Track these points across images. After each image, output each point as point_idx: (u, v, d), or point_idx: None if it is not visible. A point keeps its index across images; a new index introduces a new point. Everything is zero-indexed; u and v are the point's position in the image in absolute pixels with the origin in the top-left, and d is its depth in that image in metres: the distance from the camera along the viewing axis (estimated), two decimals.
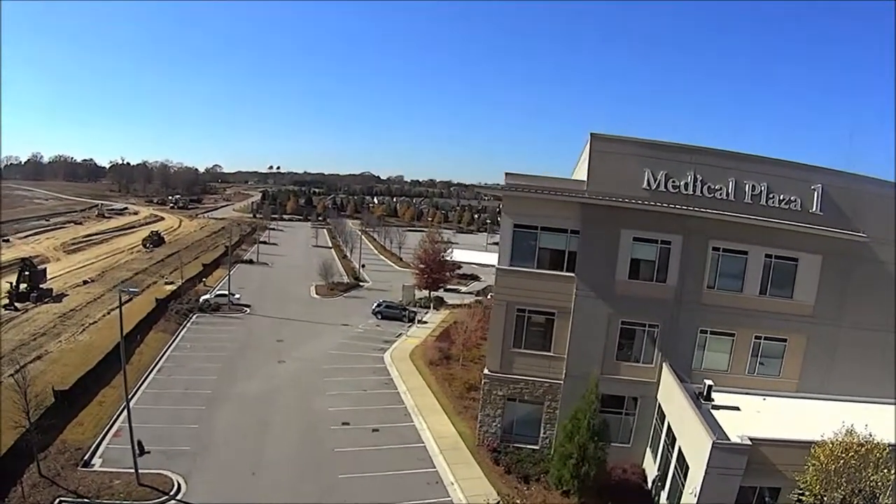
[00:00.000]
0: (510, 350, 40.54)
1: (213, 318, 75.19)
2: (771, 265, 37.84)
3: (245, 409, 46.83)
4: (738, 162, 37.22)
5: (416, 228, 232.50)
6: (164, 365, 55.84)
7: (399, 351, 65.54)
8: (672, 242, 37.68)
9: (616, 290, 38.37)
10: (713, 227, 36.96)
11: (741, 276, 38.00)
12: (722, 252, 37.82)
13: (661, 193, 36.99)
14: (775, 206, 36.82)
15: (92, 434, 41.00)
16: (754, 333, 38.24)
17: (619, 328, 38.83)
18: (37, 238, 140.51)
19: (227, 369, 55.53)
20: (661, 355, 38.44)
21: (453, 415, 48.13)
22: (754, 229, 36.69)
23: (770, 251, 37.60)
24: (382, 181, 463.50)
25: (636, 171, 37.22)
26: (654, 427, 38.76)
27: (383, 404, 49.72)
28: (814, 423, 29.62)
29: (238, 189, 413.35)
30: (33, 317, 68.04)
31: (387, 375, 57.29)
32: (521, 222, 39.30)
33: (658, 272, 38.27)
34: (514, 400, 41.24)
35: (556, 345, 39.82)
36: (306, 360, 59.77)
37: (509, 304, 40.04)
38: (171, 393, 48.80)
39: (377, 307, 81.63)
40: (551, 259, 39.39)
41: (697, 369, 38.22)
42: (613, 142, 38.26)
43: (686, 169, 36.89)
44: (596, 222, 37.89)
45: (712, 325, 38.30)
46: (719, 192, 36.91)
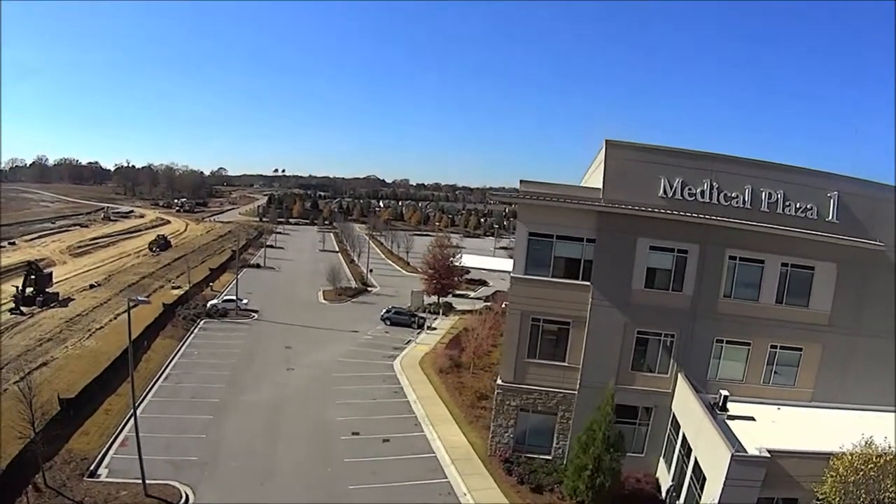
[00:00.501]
0: (524, 360, 39.96)
1: (220, 323, 74.55)
2: (787, 274, 37.34)
3: (254, 417, 46.11)
4: (754, 169, 36.82)
5: (422, 232, 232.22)
6: (171, 372, 55.18)
7: (409, 358, 64.81)
8: (688, 251, 37.23)
9: (632, 300, 37.85)
10: (730, 235, 36.51)
11: (757, 285, 37.47)
12: (738, 261, 37.30)
13: (677, 201, 36.56)
14: (791, 215, 36.41)
15: (98, 443, 40.31)
16: (770, 343, 37.69)
17: (634, 338, 38.29)
18: (42, 241, 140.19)
19: (236, 377, 54.81)
20: (677, 365, 37.90)
21: (464, 424, 47.44)
22: (771, 238, 36.19)
23: (786, 259, 37.12)
24: (388, 185, 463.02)
25: (652, 178, 36.76)
26: (668, 437, 38.28)
27: (394, 414, 48.97)
28: (830, 433, 29.54)
29: (244, 192, 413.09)
30: (39, 321, 67.39)
31: (397, 384, 56.51)
32: (536, 230, 38.80)
33: (674, 281, 37.75)
34: (527, 410, 40.67)
35: (570, 355, 39.28)
36: (315, 368, 59.03)
37: (524, 314, 39.46)
38: (178, 401, 48.09)
39: (386, 313, 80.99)
40: (566, 267, 38.91)
41: (712, 379, 37.69)
42: (629, 149, 37.79)
43: (702, 176, 36.50)
44: (612, 230, 37.43)
45: (728, 335, 37.78)
46: (736, 201, 36.47)
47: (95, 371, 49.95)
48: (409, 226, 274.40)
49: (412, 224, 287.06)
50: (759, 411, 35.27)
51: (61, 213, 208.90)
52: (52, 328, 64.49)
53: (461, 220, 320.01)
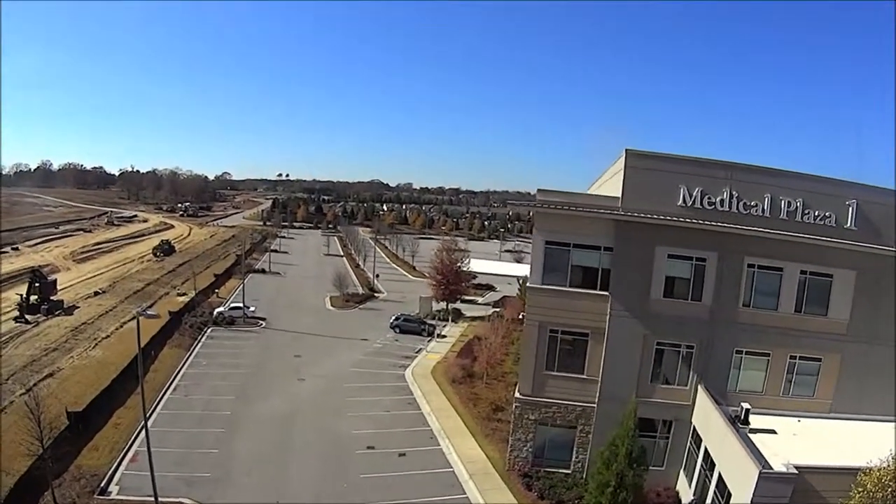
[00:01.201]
0: (542, 372, 39.20)
1: (227, 331, 73.68)
2: (806, 282, 36.82)
3: (266, 431, 45.12)
4: (773, 177, 36.25)
5: (427, 236, 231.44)
6: (179, 383, 54.23)
7: (420, 368, 63.86)
8: (707, 259, 36.66)
9: (651, 309, 37.20)
10: (749, 243, 36.02)
11: (776, 294, 36.93)
12: (757, 269, 36.81)
13: (696, 210, 35.97)
14: (810, 222, 35.85)
15: (108, 459, 39.36)
16: (789, 353, 37.12)
17: (653, 349, 37.60)
18: (46, 246, 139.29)
19: (246, 388, 53.83)
20: (696, 377, 37.29)
21: (481, 437, 46.45)
22: (790, 246, 35.68)
23: (805, 268, 36.59)
24: (391, 188, 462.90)
25: (671, 187, 36.15)
26: (688, 450, 37.55)
27: (408, 426, 47.95)
28: (853, 446, 29.90)
29: (247, 196, 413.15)
30: (44, 330, 66.34)
31: (409, 395, 55.52)
32: (553, 239, 38.15)
33: (693, 290, 37.14)
34: (545, 424, 39.87)
35: (589, 367, 38.52)
36: (326, 378, 58.03)
37: (541, 325, 38.77)
38: (188, 414, 47.09)
39: (395, 321, 80.00)
40: (584, 277, 38.24)
41: (732, 391, 37.09)
42: (648, 157, 37.15)
43: (721, 185, 35.91)
44: (630, 239, 36.81)
45: (748, 345, 37.18)
46: (755, 209, 35.92)
47: (103, 382, 49.07)
48: (414, 229, 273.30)
49: (416, 227, 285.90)
50: (780, 424, 34.65)
51: (65, 217, 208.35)
52: (58, 337, 63.44)
53: (465, 223, 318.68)
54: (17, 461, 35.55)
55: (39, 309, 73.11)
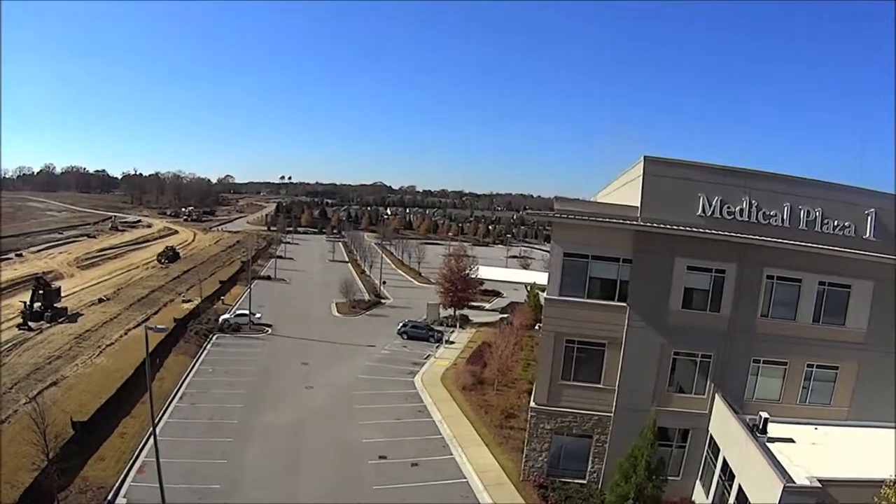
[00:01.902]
0: (558, 382, 38.60)
1: (233, 338, 72.73)
2: (824, 292, 36.41)
3: (275, 441, 44.18)
4: (793, 186, 35.86)
5: (432, 241, 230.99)
6: (185, 391, 53.26)
7: (429, 375, 62.92)
8: (726, 270, 36.17)
9: (669, 321, 36.64)
10: (768, 254, 35.57)
11: (794, 304, 36.54)
12: (776, 280, 36.40)
13: (716, 220, 35.47)
14: (829, 233, 35.49)
15: (115, 470, 38.38)
16: (806, 362, 36.80)
17: (671, 359, 37.13)
18: (50, 252, 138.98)
19: (253, 396, 52.88)
20: (714, 386, 36.85)
21: (494, 446, 45.56)
22: (809, 256, 35.23)
23: (823, 278, 36.16)
24: (394, 191, 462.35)
25: (691, 196, 35.59)
26: (705, 460, 37.04)
27: (420, 435, 47.04)
28: (871, 455, 29.93)
29: (250, 200, 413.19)
30: (48, 338, 65.59)
31: (420, 402, 54.59)
32: (571, 250, 37.54)
33: (712, 301, 36.61)
34: (561, 433, 39.24)
35: (606, 377, 38.03)
36: (335, 386, 57.08)
37: (558, 335, 38.19)
38: (195, 423, 46.09)
39: (403, 327, 79.05)
40: (602, 288, 37.67)
41: (749, 399, 36.66)
42: (667, 165, 36.48)
43: (741, 194, 35.47)
44: (649, 250, 36.28)
45: (765, 355, 36.76)
46: (774, 219, 35.51)
47: (108, 391, 48.15)
48: (419, 234, 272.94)
49: (421, 232, 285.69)
50: (797, 432, 34.16)
51: (69, 222, 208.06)
52: (62, 345, 62.71)
53: (470, 228, 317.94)
54: (21, 473, 34.73)
55: (43, 316, 72.36)
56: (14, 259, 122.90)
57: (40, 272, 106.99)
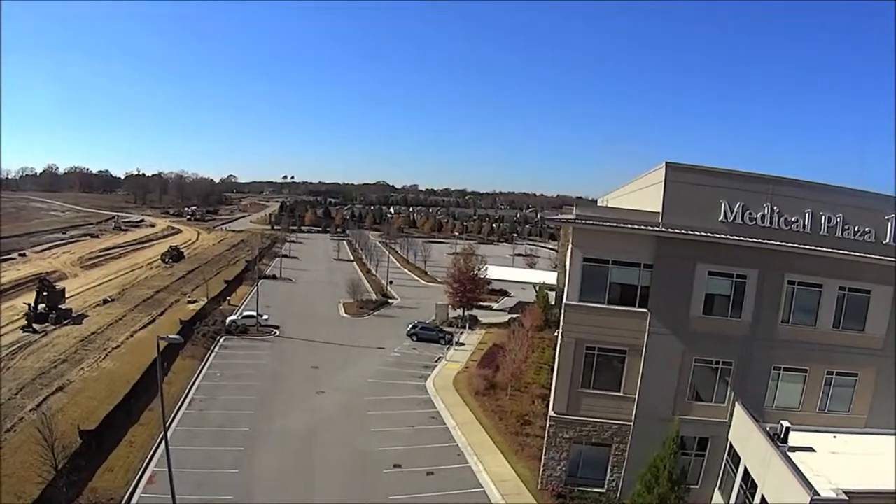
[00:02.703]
0: (578, 390, 37.99)
1: (241, 340, 71.73)
2: (844, 298, 36.17)
3: (288, 449, 43.15)
4: (814, 192, 35.65)
5: (436, 240, 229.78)
6: (194, 397, 52.22)
7: (441, 378, 61.82)
8: (747, 276, 35.93)
9: (690, 327, 36.24)
10: (790, 260, 35.33)
11: (815, 310, 36.31)
12: (797, 285, 36.15)
13: (737, 226, 35.09)
14: (850, 238, 35.15)
15: (124, 481, 37.43)
16: (826, 369, 36.54)
17: (692, 366, 36.66)
18: (53, 252, 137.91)
19: (263, 402, 51.80)
20: (734, 394, 36.51)
21: (510, 454, 44.60)
22: (830, 262, 35.04)
23: (844, 283, 35.99)
24: (398, 190, 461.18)
25: (712, 201, 35.21)
26: (724, 468, 36.78)
27: (434, 442, 46.01)
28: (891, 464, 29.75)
29: (253, 199, 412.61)
30: (53, 341, 64.50)
31: (432, 408, 53.50)
32: (591, 256, 37.06)
33: (733, 307, 36.32)
34: (580, 442, 38.71)
35: (626, 384, 37.48)
36: (346, 391, 55.95)
37: (578, 342, 37.57)
38: (205, 431, 45.00)
39: (412, 329, 77.93)
40: (623, 294, 37.00)
41: (769, 407, 36.42)
42: (689, 171, 36.05)
43: (762, 200, 35.13)
44: (671, 256, 35.89)
45: (785, 362, 36.53)
46: (795, 224, 35.13)
47: (115, 397, 47.13)
48: (423, 233, 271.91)
49: (425, 231, 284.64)
50: (817, 440, 33.97)
51: (72, 222, 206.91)
52: (67, 348, 61.60)
53: (474, 226, 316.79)
54: (28, 485, 33.91)
55: (47, 318, 71.34)
56: (17, 259, 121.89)
57: (44, 272, 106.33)
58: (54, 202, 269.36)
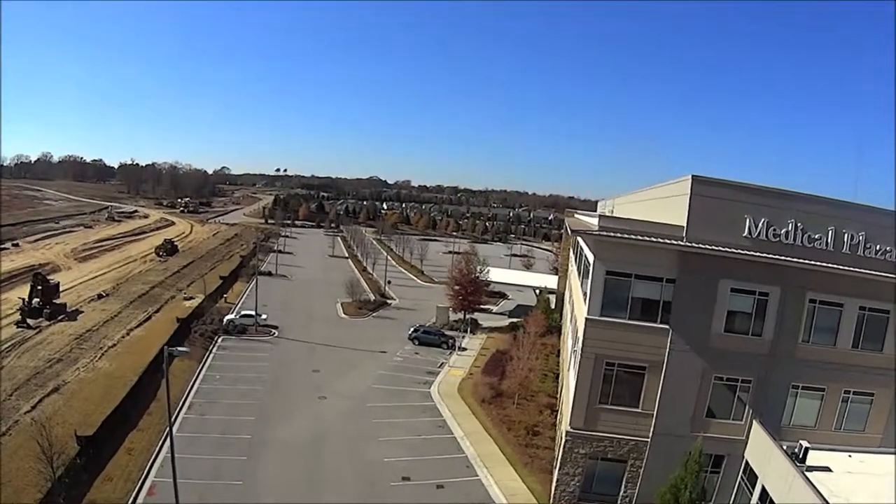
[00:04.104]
0: (595, 406, 36.86)
1: (239, 341, 70.17)
2: (864, 318, 35.57)
3: (292, 459, 41.87)
4: (837, 209, 34.78)
5: (431, 238, 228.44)
6: (193, 401, 50.67)
7: (445, 385, 60.63)
8: (770, 294, 35.10)
9: (711, 344, 35.27)
10: (813, 278, 34.47)
11: (835, 330, 35.66)
12: (818, 304, 35.44)
13: (761, 242, 34.14)
14: (871, 257, 34.40)
15: (123, 490, 36.11)
16: (844, 388, 36.08)
17: (711, 384, 35.75)
18: (47, 242, 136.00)
19: (265, 407, 50.45)
20: (752, 412, 35.73)
21: (520, 466, 43.55)
22: (851, 281, 34.10)
23: (864, 303, 35.31)
24: (390, 186, 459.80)
25: (737, 216, 34.31)
26: (738, 486, 35.89)
27: (442, 453, 44.82)
28: None
29: (246, 191, 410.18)
30: (47, 338, 62.89)
31: (439, 416, 52.27)
32: (614, 269, 35.71)
33: (754, 325, 35.47)
34: (595, 458, 37.56)
35: (645, 401, 36.40)
36: (349, 397, 54.58)
37: (598, 358, 36.34)
38: (206, 438, 43.49)
39: (414, 332, 76.53)
40: (644, 309, 35.86)
41: (785, 425, 35.83)
42: (715, 185, 34.94)
43: (787, 216, 34.25)
44: (694, 271, 34.77)
45: (804, 381, 35.89)
46: (819, 242, 34.28)
47: (112, 400, 45.68)
48: (417, 230, 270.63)
49: (420, 228, 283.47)
50: (833, 460, 33.27)
51: (65, 212, 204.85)
52: (62, 346, 60.09)
53: (468, 224, 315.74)
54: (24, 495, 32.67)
55: (42, 313, 69.76)
56: (10, 249, 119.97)
57: (37, 263, 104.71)
58: (48, 191, 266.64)
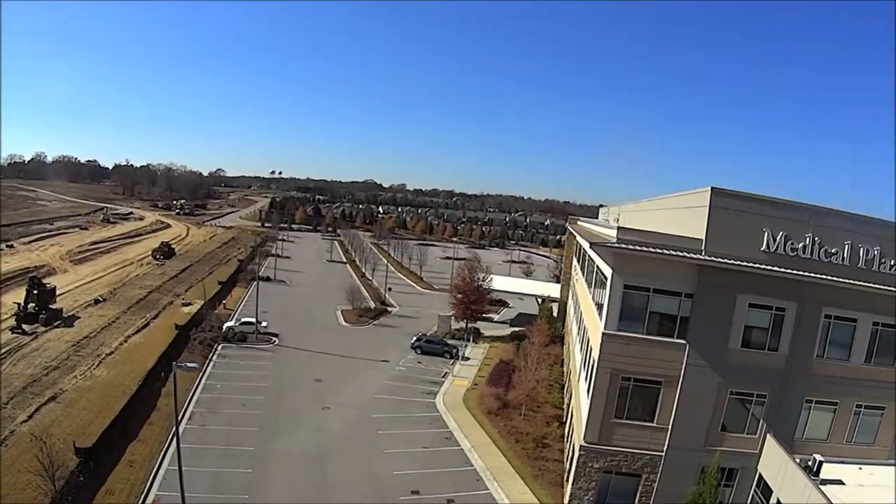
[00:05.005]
0: (610, 420, 36.26)
1: (239, 349, 69.01)
2: (878, 333, 35.54)
3: (298, 471, 40.88)
4: (854, 223, 34.77)
5: (429, 242, 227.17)
6: (194, 410, 49.56)
7: (450, 396, 59.58)
8: (786, 309, 34.70)
9: (728, 360, 34.87)
10: (828, 293, 34.09)
11: (849, 345, 35.54)
12: (833, 319, 35.16)
13: (779, 256, 33.82)
14: (886, 272, 34.33)
15: None
16: (856, 402, 36.06)
17: (726, 399, 35.34)
18: (42, 244, 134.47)
19: (268, 418, 49.37)
20: (766, 426, 35.34)
21: (530, 479, 42.80)
22: (866, 296, 33.93)
23: (878, 318, 35.28)
24: (385, 189, 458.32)
25: (755, 230, 34.00)
26: (751, 499, 35.51)
27: (451, 466, 43.92)
28: None
29: (242, 194, 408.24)
30: (44, 344, 61.64)
31: (445, 427, 51.28)
32: (632, 283, 35.04)
33: (770, 340, 35.10)
34: (609, 472, 36.88)
35: (660, 415, 35.83)
36: (353, 408, 53.53)
37: (613, 372, 35.75)
38: (209, 451, 42.29)
39: (416, 341, 75.50)
40: (661, 324, 35.30)
41: (798, 439, 35.71)
42: (734, 198, 34.45)
43: (804, 230, 34.06)
44: (713, 286, 34.22)
45: (818, 395, 35.72)
46: (835, 257, 34.13)
47: (111, 411, 44.60)
48: (414, 234, 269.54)
49: (417, 233, 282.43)
50: (845, 472, 33.61)
51: (59, 213, 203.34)
52: (59, 353, 58.88)
53: (465, 229, 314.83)
54: None
55: (38, 318, 68.41)
56: (5, 250, 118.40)
57: (32, 265, 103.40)
58: (42, 191, 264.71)
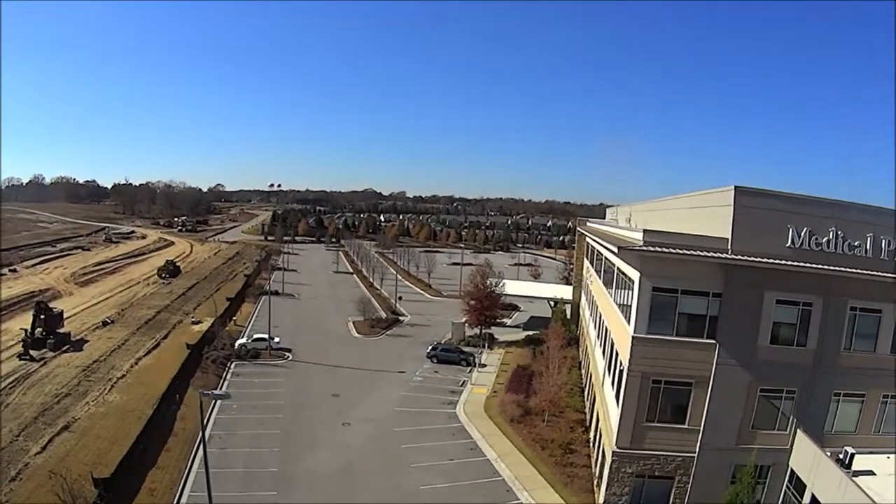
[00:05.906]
0: (643, 424, 36.23)
1: (253, 366, 67.79)
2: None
3: (324, 492, 39.63)
4: (876, 216, 35.12)
5: (433, 249, 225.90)
6: (212, 433, 47.96)
7: (471, 405, 58.33)
8: (813, 304, 34.86)
9: (757, 357, 34.86)
10: (854, 286, 34.13)
11: (874, 336, 35.58)
12: (858, 311, 35.29)
13: (804, 251, 33.92)
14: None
15: None
16: (882, 392, 35.97)
17: (757, 396, 35.31)
18: (45, 267, 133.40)
19: (288, 437, 48.18)
20: (796, 421, 35.37)
21: (561, 488, 41.88)
22: (890, 287, 34.08)
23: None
24: (385, 197, 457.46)
25: (780, 227, 34.05)
26: (784, 494, 35.52)
27: (479, 477, 42.84)
28: None
29: (242, 208, 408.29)
30: (53, 371, 60.23)
31: (469, 438, 50.10)
32: (660, 285, 34.98)
33: (798, 336, 35.17)
34: (642, 476, 36.89)
35: (691, 416, 35.76)
36: (374, 421, 52.37)
37: (644, 376, 35.61)
38: (230, 473, 40.82)
39: (432, 350, 74.30)
40: (690, 324, 35.24)
41: (828, 433, 35.67)
42: (759, 196, 34.66)
43: (827, 225, 34.23)
44: (740, 284, 34.23)
45: (846, 388, 35.75)
46: (858, 250, 34.30)
47: (127, 437, 43.30)
48: (418, 242, 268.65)
49: (420, 240, 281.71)
50: (875, 463, 33.44)
51: (61, 234, 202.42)
52: (69, 379, 57.35)
53: (468, 234, 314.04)
54: None
55: (45, 343, 67.08)
56: (8, 275, 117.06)
57: (37, 289, 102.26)
58: (42, 213, 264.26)
